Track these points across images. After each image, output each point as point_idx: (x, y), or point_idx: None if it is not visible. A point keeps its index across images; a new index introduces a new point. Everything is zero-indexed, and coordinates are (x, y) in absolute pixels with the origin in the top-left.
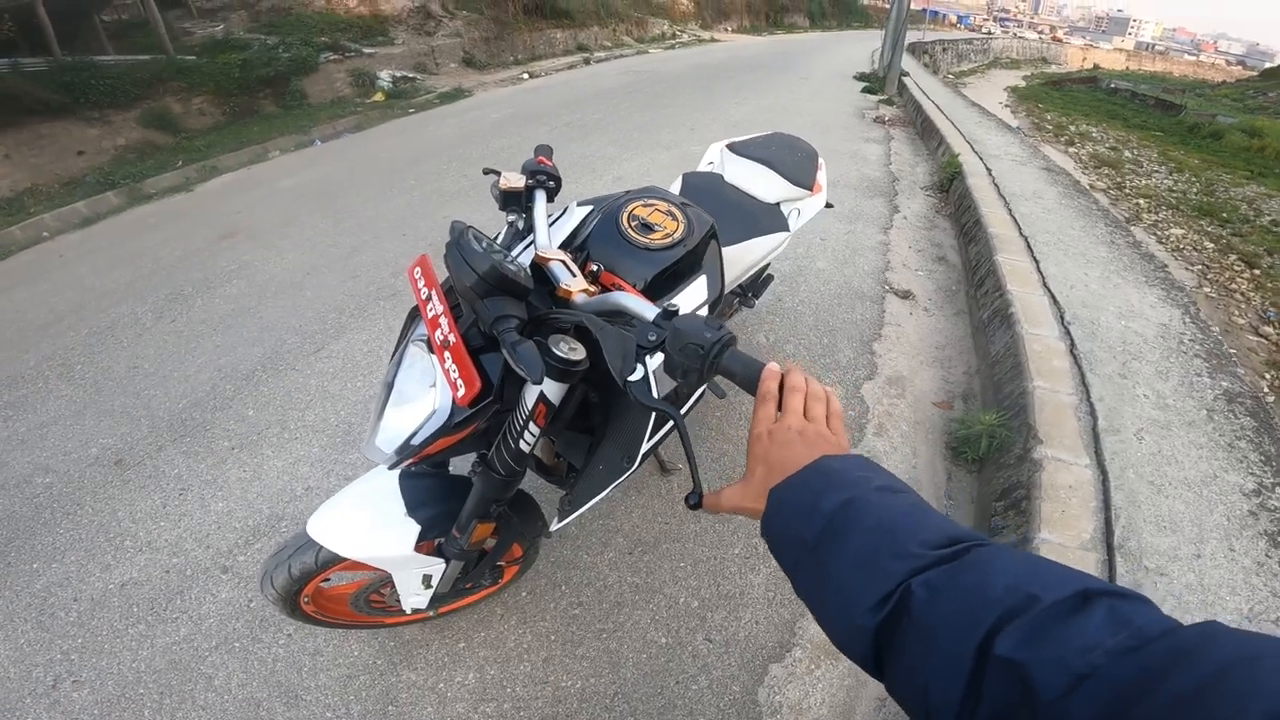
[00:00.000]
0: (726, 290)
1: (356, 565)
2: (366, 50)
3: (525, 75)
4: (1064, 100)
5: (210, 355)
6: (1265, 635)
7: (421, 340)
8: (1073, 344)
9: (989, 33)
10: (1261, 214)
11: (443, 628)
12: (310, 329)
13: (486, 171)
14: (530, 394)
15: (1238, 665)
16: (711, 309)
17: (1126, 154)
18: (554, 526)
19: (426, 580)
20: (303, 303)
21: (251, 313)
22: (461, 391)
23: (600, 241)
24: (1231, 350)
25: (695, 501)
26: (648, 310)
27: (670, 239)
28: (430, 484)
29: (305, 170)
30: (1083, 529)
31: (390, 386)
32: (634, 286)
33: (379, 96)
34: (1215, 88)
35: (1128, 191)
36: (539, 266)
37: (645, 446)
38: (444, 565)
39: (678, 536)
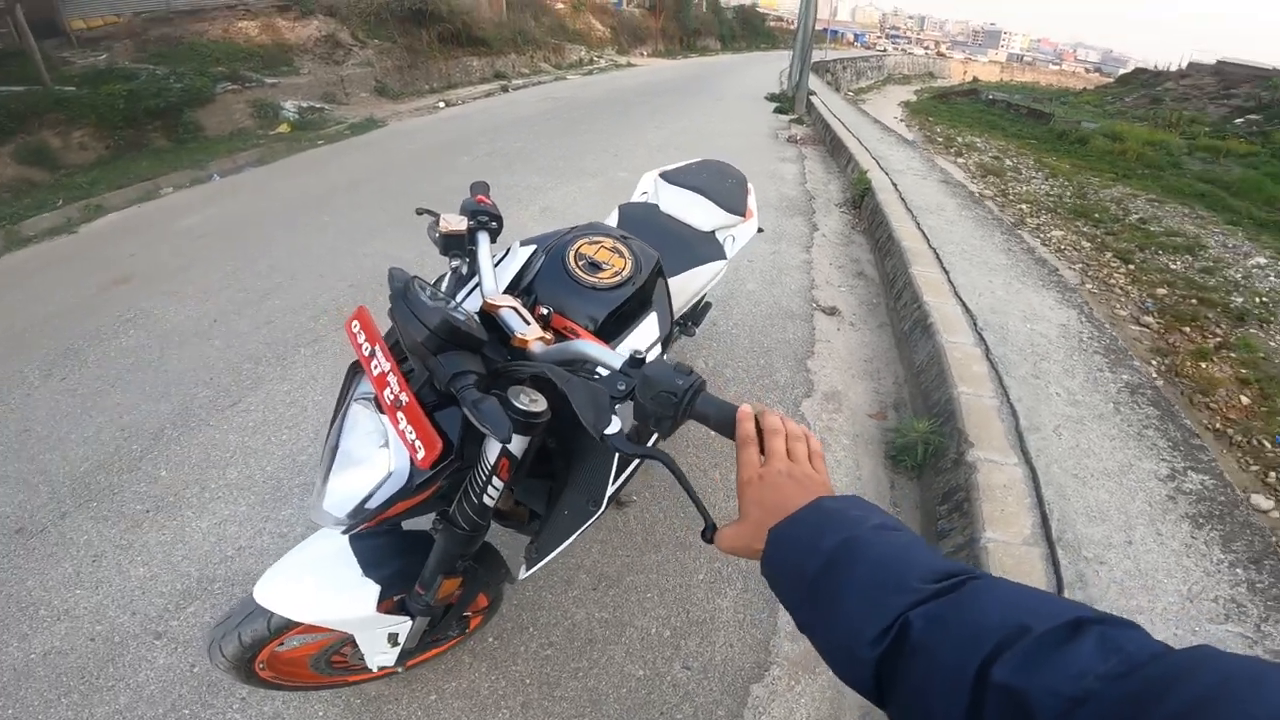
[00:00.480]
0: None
1: (314, 628)
2: (269, 80)
3: (441, 104)
4: (950, 113)
5: (111, 414)
6: (1254, 658)
7: (365, 398)
8: (988, 349)
9: (883, 50)
10: (1129, 212)
11: (410, 680)
12: (223, 381)
13: (420, 212)
14: (493, 449)
15: (1230, 687)
16: (664, 346)
17: (1008, 162)
18: (521, 575)
19: (393, 639)
20: (212, 353)
21: (154, 366)
22: (421, 454)
23: (548, 283)
24: (1125, 345)
25: (710, 536)
26: (613, 358)
27: (619, 277)
28: (383, 541)
29: (204, 208)
30: (1022, 525)
31: (335, 449)
32: (585, 328)
33: (284, 128)
34: (1078, 95)
35: (1011, 198)
36: (488, 314)
37: (611, 489)
38: (410, 622)
39: (640, 568)
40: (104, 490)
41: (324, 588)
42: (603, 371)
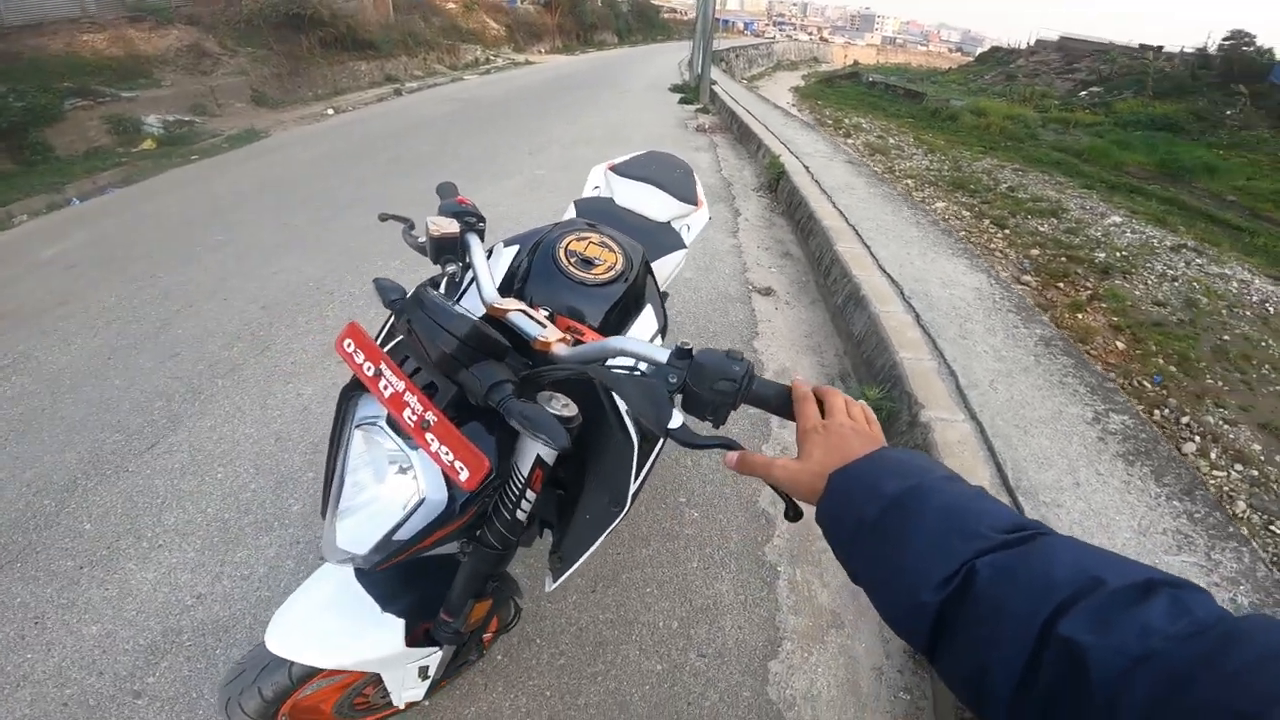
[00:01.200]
0: None
1: (337, 671)
2: (125, 94)
3: (330, 111)
4: (837, 96)
5: (9, 470)
6: None
7: (368, 423)
8: (918, 316)
9: (772, 37)
10: (999, 182)
11: (427, 713)
12: (133, 423)
13: (385, 218)
14: (526, 461)
15: None
16: (662, 339)
17: (891, 140)
18: (550, 587)
19: (423, 672)
20: (113, 394)
21: (47, 413)
22: (465, 475)
23: (542, 283)
24: (1032, 302)
25: (794, 515)
26: (657, 352)
27: (614, 272)
28: (390, 573)
29: (69, 235)
30: (982, 477)
31: (341, 482)
32: (589, 327)
33: (149, 144)
34: (945, 74)
35: (897, 174)
36: (493, 319)
37: (634, 486)
38: (439, 653)
39: (634, 564)
40: (24, 550)
41: (344, 629)
42: (644, 367)
